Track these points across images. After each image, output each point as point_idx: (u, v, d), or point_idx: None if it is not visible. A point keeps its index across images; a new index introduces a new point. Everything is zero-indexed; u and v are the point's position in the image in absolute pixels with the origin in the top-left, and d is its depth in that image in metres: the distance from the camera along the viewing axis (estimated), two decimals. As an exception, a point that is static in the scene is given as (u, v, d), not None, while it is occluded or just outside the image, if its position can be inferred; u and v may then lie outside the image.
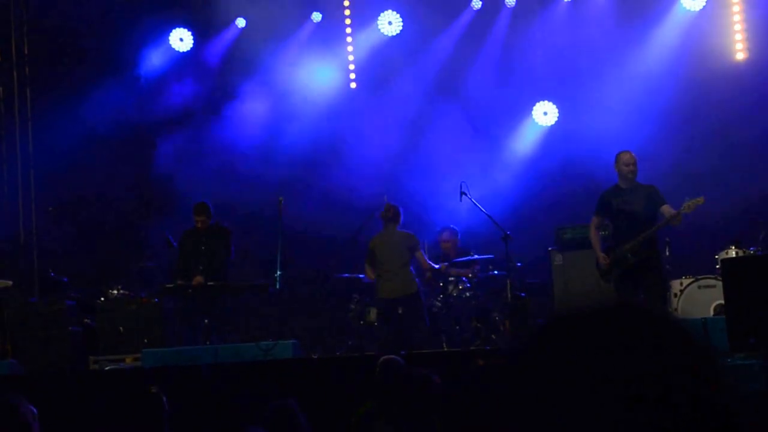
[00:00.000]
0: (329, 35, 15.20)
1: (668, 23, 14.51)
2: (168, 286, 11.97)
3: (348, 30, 15.29)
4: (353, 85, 15.33)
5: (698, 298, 11.56)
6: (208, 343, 11.19)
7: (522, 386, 1.27)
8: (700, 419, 1.21)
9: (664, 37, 14.47)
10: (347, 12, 15.28)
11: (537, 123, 15.01)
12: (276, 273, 11.97)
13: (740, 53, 14.40)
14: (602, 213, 11.05)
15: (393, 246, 11.80)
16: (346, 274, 12.83)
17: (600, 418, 1.20)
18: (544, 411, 1.23)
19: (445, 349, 11.53)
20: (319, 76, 15.19)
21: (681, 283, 11.71)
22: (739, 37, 14.41)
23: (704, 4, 14.39)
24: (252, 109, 15.16)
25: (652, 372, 1.22)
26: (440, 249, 13.08)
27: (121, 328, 11.93)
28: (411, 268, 11.89)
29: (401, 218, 11.98)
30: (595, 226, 11.11)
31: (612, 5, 14.69)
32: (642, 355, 1.23)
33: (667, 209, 10.58)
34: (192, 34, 15.40)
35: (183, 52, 15.41)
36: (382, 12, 15.22)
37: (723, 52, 14.33)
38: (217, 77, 15.53)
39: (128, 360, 11.40)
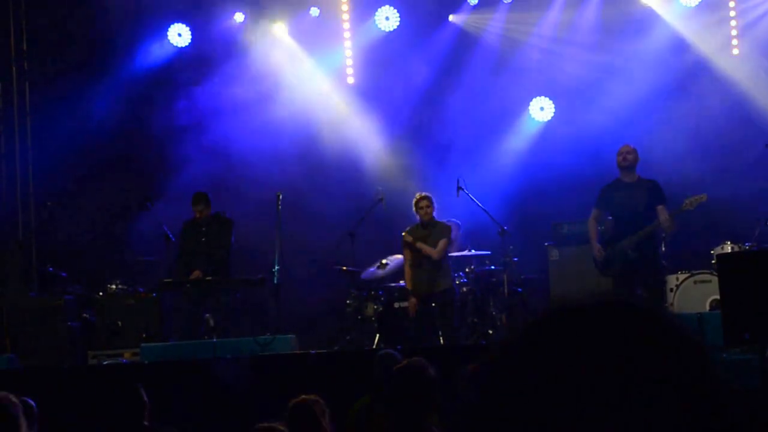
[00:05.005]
0: (327, 30, 15.20)
1: (665, 19, 14.53)
2: (166, 280, 11.99)
3: (346, 25, 15.29)
4: (351, 80, 15.33)
5: (694, 293, 11.59)
6: (206, 337, 11.21)
7: (515, 380, 1.27)
8: (693, 415, 1.21)
9: (661, 32, 14.50)
10: (345, 7, 15.28)
11: (534, 118, 15.03)
12: (274, 267, 11.99)
13: (735, 49, 14.45)
14: (602, 206, 11.07)
15: (429, 239, 11.72)
16: (345, 269, 12.85)
17: (592, 413, 1.21)
18: (536, 405, 1.23)
19: (442, 344, 11.55)
20: (317, 71, 15.19)
21: (677, 278, 11.75)
22: (734, 33, 14.46)
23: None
24: (250, 104, 15.16)
25: (645, 367, 1.22)
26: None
27: (119, 322, 11.96)
28: (445, 261, 11.71)
29: (431, 207, 11.76)
30: (594, 218, 11.13)
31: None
32: (635, 351, 1.23)
33: (662, 210, 10.58)
34: (190, 30, 15.39)
35: (181, 48, 15.41)
36: (380, 7, 15.23)
37: (719, 48, 14.35)
38: (215, 72, 15.52)
39: (127, 355, 11.42)
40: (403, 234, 11.79)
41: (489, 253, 12.81)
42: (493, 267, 12.65)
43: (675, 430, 1.20)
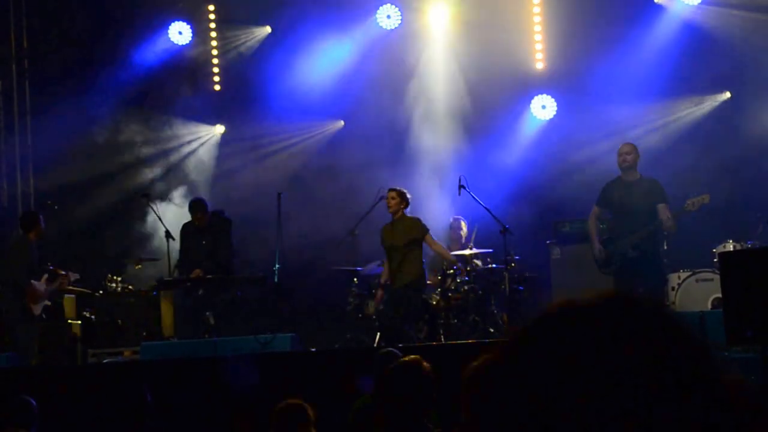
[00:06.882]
0: (328, 28, 15.18)
1: (667, 17, 14.52)
2: (166, 279, 11.99)
3: (347, 23, 15.27)
4: (351, 78, 15.31)
5: (696, 291, 11.59)
6: (207, 336, 11.19)
7: (517, 377, 1.27)
8: (694, 410, 1.21)
9: (663, 30, 14.48)
10: (346, 5, 15.27)
11: (535, 117, 15.01)
12: (275, 266, 11.98)
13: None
14: (603, 204, 11.04)
15: (394, 234, 11.74)
16: (345, 267, 12.83)
17: (593, 409, 1.20)
18: (538, 402, 1.23)
19: (443, 342, 11.53)
20: (319, 68, 15.18)
21: (679, 277, 11.75)
22: (736, 30, 14.43)
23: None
24: (250, 102, 15.16)
25: (647, 364, 1.22)
26: (449, 237, 13.16)
27: (120, 321, 11.96)
28: (413, 256, 11.62)
29: (396, 200, 11.73)
30: (595, 215, 11.09)
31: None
32: (637, 347, 1.23)
33: (662, 209, 10.55)
34: (191, 28, 15.39)
35: (182, 46, 15.41)
36: (381, 6, 15.23)
37: (721, 47, 14.33)
38: (216, 70, 15.53)
39: (127, 353, 11.41)
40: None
41: (491, 251, 12.80)
42: (494, 265, 12.64)
43: (677, 424, 1.20)
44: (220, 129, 15.55)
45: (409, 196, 11.86)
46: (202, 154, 15.34)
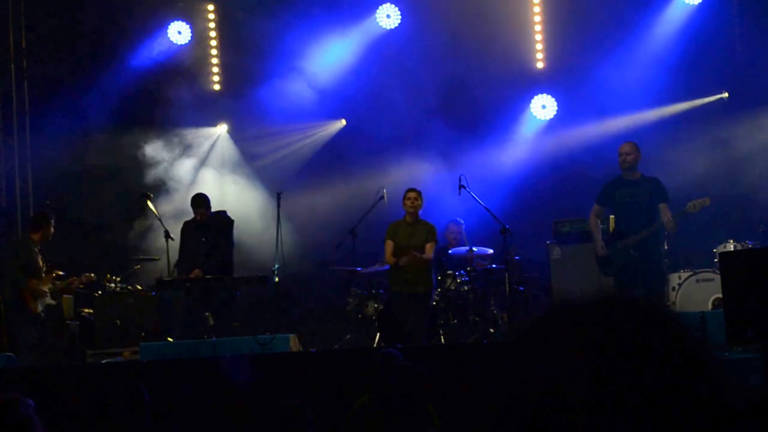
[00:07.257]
0: (328, 28, 15.18)
1: (667, 17, 14.52)
2: (165, 279, 11.97)
3: (347, 23, 15.28)
4: (351, 77, 15.31)
5: (696, 291, 11.58)
6: (206, 336, 11.18)
7: (518, 376, 1.27)
8: (693, 412, 1.21)
9: (663, 30, 14.48)
10: (346, 4, 15.27)
11: (535, 117, 15.01)
12: (275, 266, 11.97)
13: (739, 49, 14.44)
14: (602, 203, 11.00)
15: (413, 235, 11.58)
16: (345, 267, 12.83)
17: (593, 408, 1.21)
18: (538, 401, 1.23)
19: (443, 343, 11.53)
20: (319, 68, 15.19)
21: (679, 277, 11.75)
22: (736, 31, 14.43)
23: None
24: (251, 102, 15.16)
25: (647, 364, 1.22)
26: (446, 239, 13.17)
27: (118, 321, 11.94)
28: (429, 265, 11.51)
29: (419, 200, 11.63)
30: (595, 214, 11.05)
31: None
32: (637, 348, 1.23)
33: (664, 208, 10.53)
34: (190, 28, 15.39)
35: (181, 45, 15.41)
36: (381, 5, 15.23)
37: (720, 47, 14.32)
38: (214, 69, 15.52)
39: (126, 353, 11.39)
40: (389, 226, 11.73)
41: (491, 251, 12.81)
42: (494, 265, 12.64)
43: (675, 424, 1.21)
44: (222, 128, 15.54)
45: None
46: (203, 153, 15.32)
